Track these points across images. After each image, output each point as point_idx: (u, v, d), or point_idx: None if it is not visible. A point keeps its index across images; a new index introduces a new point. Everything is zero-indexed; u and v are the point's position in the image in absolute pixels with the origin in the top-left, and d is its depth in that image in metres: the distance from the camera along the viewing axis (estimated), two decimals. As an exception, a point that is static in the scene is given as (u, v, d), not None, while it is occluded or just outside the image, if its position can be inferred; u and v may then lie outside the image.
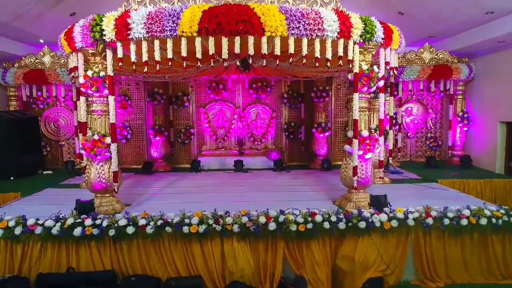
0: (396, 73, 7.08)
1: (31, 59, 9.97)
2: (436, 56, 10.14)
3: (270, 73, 9.52)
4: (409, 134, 11.28)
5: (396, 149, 10.73)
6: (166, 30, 4.93)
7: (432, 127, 11.29)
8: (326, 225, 5.19)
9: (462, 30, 9.30)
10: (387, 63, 6.25)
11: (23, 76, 9.86)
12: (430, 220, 5.33)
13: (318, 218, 5.24)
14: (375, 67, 5.94)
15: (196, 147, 11.06)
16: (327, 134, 10.46)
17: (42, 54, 9.88)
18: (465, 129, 10.69)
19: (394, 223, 5.27)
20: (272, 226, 5.14)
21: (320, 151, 10.45)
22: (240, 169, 10.00)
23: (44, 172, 10.13)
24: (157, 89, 10.16)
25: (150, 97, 10.21)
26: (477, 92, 10.56)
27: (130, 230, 5.11)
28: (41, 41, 9.63)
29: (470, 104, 10.80)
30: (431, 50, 10.16)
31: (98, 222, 5.20)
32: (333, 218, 5.25)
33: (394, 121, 9.40)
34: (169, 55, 5.15)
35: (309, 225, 5.16)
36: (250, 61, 5.56)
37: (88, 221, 5.17)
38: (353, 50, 5.59)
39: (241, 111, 10.92)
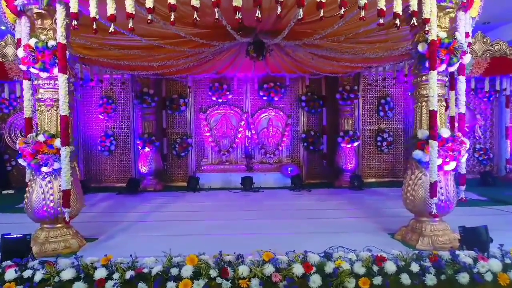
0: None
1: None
2: (492, 48, 8.27)
3: (287, 67, 7.65)
4: (453, 145, 9.26)
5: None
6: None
7: (481, 136, 9.30)
8: (405, 279, 3.13)
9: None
10: (466, 35, 4.35)
11: (-20, 73, 7.98)
12: None
13: (390, 267, 3.18)
14: (457, 35, 4.01)
15: (194, 161, 9.06)
16: (355, 144, 8.48)
17: (3, 44, 8.03)
18: (527, 139, 8.70)
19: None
20: (315, 281, 3.09)
21: (347, 166, 8.45)
22: (249, 188, 7.99)
23: (4, 192, 8.10)
24: (146, 89, 8.25)
25: (138, 99, 8.30)
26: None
27: (79, 288, 3.06)
28: (3, 28, 7.81)
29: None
30: (484, 40, 8.30)
31: (27, 274, 3.14)
32: (415, 267, 3.19)
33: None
34: (149, 3, 3.23)
35: (377, 280, 3.10)
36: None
37: (10, 273, 3.11)
38: (430, 4, 3.69)
39: (250, 117, 8.99)
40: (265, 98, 8.94)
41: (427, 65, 3.99)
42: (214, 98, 8.93)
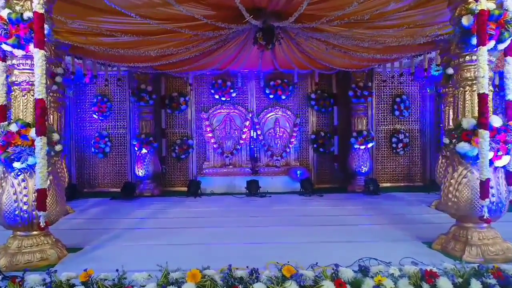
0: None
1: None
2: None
3: (297, 61, 7.04)
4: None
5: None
6: None
7: None
8: (465, 300, 2.47)
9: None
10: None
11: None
12: None
13: (445, 285, 2.51)
14: (508, 5, 3.40)
15: (195, 164, 8.41)
16: (370, 145, 7.83)
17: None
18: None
19: None
20: (350, 303, 2.42)
21: (361, 169, 7.79)
22: (254, 192, 7.33)
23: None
24: (144, 86, 7.63)
25: (135, 96, 7.68)
26: None
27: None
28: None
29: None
30: None
31: (-16, 294, 2.48)
32: (476, 285, 2.52)
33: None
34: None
35: (430, 301, 2.44)
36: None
37: (-38, 293, 2.45)
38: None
39: (255, 116, 8.37)
40: (271, 96, 8.33)
41: (473, 42, 3.36)
42: (216, 97, 8.31)
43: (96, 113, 8.12)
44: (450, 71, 5.44)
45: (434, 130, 8.41)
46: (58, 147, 5.45)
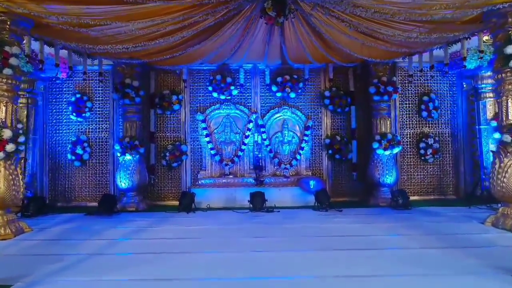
0: None
1: None
2: None
3: (311, 48, 5.90)
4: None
5: None
6: None
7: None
8: None
9: None
10: None
11: None
12: None
13: None
14: None
15: (189, 174, 7.18)
16: (396, 151, 6.62)
17: None
18: None
19: None
20: None
21: (385, 179, 6.55)
22: (260, 207, 6.10)
23: None
24: (129, 80, 6.47)
25: (118, 93, 6.51)
26: None
27: None
28: None
29: None
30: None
31: None
32: None
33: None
34: None
35: None
36: None
37: None
38: None
39: (259, 118, 7.16)
40: (279, 94, 7.15)
41: None
42: (215, 95, 7.14)
43: (74, 114, 6.94)
44: (510, 50, 4.34)
45: (468, 134, 7.21)
46: (9, 147, 4.24)
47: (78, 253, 3.63)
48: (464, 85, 6.99)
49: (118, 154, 6.45)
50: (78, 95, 6.95)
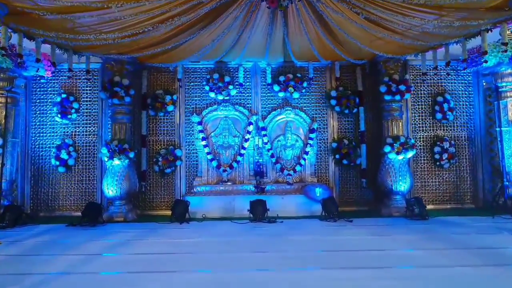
0: None
1: None
2: None
3: (318, 41, 5.38)
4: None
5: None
6: None
7: None
8: None
9: None
10: None
11: None
12: None
13: None
14: None
15: (183, 181, 6.60)
16: (410, 155, 6.05)
17: None
18: None
19: None
20: None
21: (398, 186, 5.97)
22: (261, 217, 5.52)
23: None
24: (118, 78, 5.93)
25: (107, 92, 5.96)
26: None
27: None
28: None
29: None
30: None
31: None
32: None
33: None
34: None
35: None
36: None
37: None
38: None
39: (260, 120, 6.61)
40: (281, 94, 6.61)
41: None
42: (212, 95, 6.59)
43: (59, 115, 6.38)
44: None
45: (486, 137, 6.65)
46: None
47: (43, 272, 3.03)
48: (484, 83, 6.45)
49: (105, 159, 5.88)
50: (63, 95, 6.41)
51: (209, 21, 4.61)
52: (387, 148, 5.99)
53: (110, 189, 5.86)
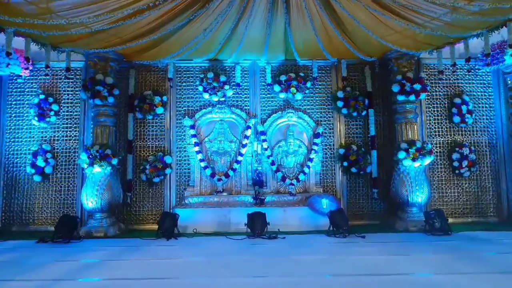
0: None
1: None
2: None
3: (325, 35, 4.79)
4: None
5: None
6: None
7: None
8: None
9: None
10: None
11: None
12: None
13: None
14: None
15: (174, 191, 5.92)
16: (427, 162, 5.40)
17: None
18: None
19: None
20: None
21: (414, 196, 5.30)
22: (260, 232, 4.84)
23: None
24: (101, 76, 5.32)
25: (88, 91, 5.33)
26: None
27: None
28: None
29: None
30: None
31: None
32: None
33: None
34: None
35: None
36: None
37: None
38: None
39: (259, 123, 5.97)
40: (282, 95, 6.00)
41: None
42: (206, 96, 5.98)
43: (36, 118, 5.75)
44: None
45: (508, 143, 6.01)
46: None
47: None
48: (510, 81, 5.85)
49: (85, 166, 5.22)
50: (41, 96, 5.79)
51: (200, 6, 4.02)
52: (401, 154, 5.34)
53: (90, 200, 5.19)
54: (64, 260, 3.82)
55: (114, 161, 5.27)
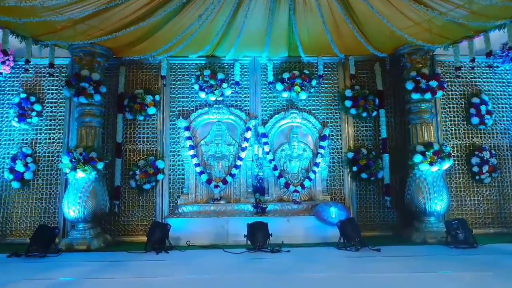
0: None
1: None
2: None
3: (334, 26, 4.33)
4: None
5: None
6: None
7: None
8: None
9: None
10: None
11: None
12: None
13: None
14: None
15: (166, 199, 5.39)
16: (446, 166, 4.89)
17: None
18: None
19: None
20: None
21: (432, 204, 4.79)
22: (261, 244, 4.28)
23: None
24: (87, 72, 4.84)
25: (71, 88, 4.85)
26: None
27: None
28: None
29: None
30: None
31: None
32: None
33: None
34: None
35: None
36: None
37: None
38: None
39: (260, 125, 5.47)
40: (285, 95, 5.51)
41: None
42: (202, 95, 5.49)
43: (16, 119, 5.26)
44: None
45: (531, 146, 5.53)
46: None
47: None
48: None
49: (67, 170, 4.71)
50: (23, 95, 5.31)
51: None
52: (417, 158, 4.83)
53: (72, 209, 4.66)
54: (34, 278, 3.29)
55: (100, 165, 4.75)
